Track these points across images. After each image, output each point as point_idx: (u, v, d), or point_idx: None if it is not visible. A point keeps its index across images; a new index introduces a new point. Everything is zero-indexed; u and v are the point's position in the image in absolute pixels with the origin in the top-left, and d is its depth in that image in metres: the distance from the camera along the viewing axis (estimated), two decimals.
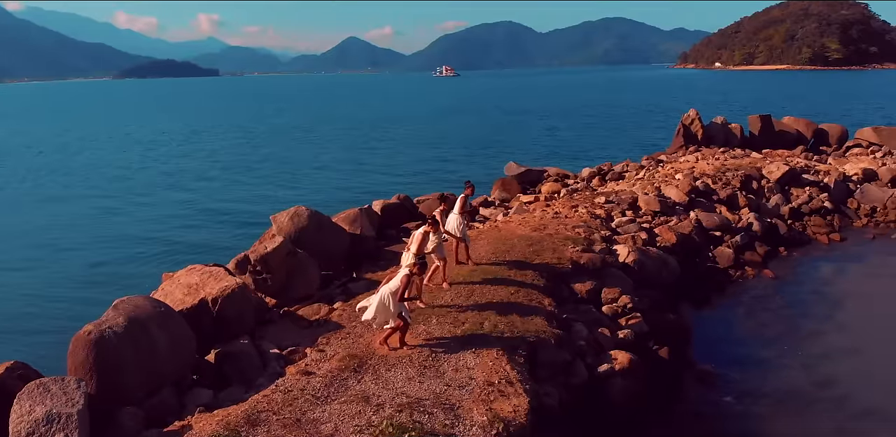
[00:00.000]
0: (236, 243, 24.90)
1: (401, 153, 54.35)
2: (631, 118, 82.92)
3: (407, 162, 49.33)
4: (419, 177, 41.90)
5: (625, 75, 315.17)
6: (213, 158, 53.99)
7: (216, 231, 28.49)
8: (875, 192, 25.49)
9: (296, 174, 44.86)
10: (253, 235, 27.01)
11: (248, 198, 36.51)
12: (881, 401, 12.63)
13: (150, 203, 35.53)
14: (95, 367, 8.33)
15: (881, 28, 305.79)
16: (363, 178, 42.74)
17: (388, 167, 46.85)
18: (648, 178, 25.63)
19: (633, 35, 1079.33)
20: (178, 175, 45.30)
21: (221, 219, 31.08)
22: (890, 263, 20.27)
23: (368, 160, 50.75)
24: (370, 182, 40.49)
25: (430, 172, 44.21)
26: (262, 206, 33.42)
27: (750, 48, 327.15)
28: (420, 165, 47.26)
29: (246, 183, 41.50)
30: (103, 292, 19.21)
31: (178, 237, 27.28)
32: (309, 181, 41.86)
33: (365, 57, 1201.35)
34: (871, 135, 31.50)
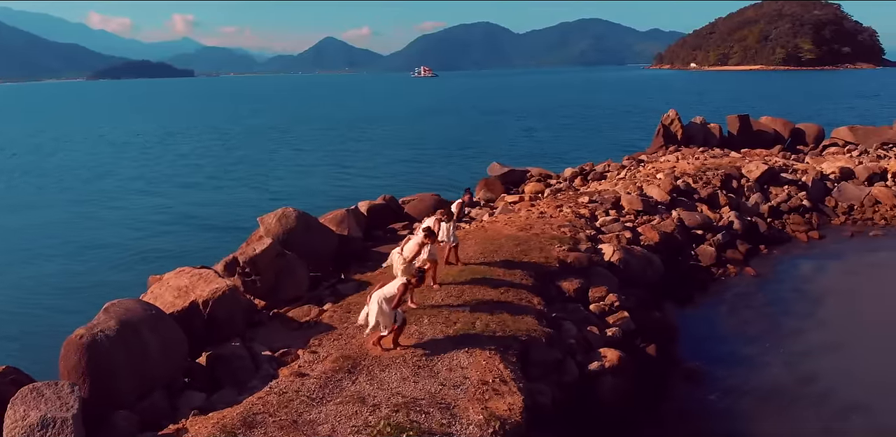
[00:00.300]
0: (218, 245, 24.70)
1: (379, 154, 54.14)
2: (608, 119, 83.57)
3: (385, 163, 49.20)
4: (399, 178, 41.80)
5: (601, 76, 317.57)
6: (188, 160, 53.39)
7: (196, 233, 28.22)
8: (852, 190, 25.98)
9: (274, 176, 44.52)
10: (233, 236, 26.86)
11: (226, 200, 36.18)
12: (863, 397, 12.83)
13: (127, 206, 35.10)
14: (88, 371, 8.24)
15: (853, 28, 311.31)
16: (342, 179, 42.52)
17: (366, 169, 46.69)
18: (630, 177, 25.89)
19: (609, 36, 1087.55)
20: (153, 177, 44.71)
21: (201, 221, 30.80)
22: (868, 260, 20.64)
23: (347, 162, 50.50)
24: (349, 184, 40.31)
25: (410, 173, 44.15)
26: (241, 208, 33.19)
27: (724, 49, 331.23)
28: (399, 166, 47.18)
29: (223, 185, 41.08)
30: (88, 295, 19.00)
31: (159, 240, 26.99)
32: (287, 183, 41.57)
33: (342, 57, 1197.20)
34: (847, 134, 32.11)
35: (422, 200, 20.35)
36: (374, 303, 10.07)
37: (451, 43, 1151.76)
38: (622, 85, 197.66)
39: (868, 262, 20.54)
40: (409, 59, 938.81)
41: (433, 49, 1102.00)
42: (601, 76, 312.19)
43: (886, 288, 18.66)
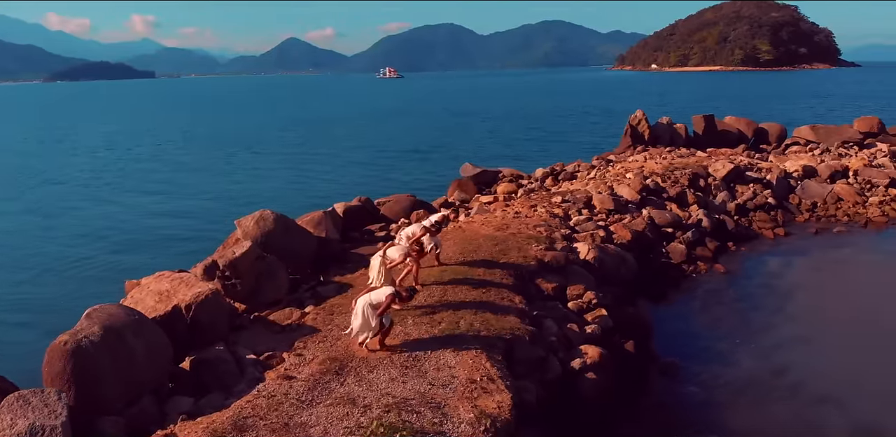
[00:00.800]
0: (190, 250, 24.37)
1: (346, 156, 53.66)
2: (572, 120, 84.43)
3: (354, 165, 48.87)
4: (369, 180, 41.59)
5: (565, 77, 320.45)
6: (151, 165, 52.02)
7: (166, 238, 27.74)
8: (815, 187, 26.73)
9: (239, 179, 43.79)
10: (204, 240, 26.54)
11: (192, 204, 35.52)
12: (833, 389, 13.24)
13: (89, 213, 34.14)
14: (73, 378, 8.10)
15: (810, 29, 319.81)
16: (310, 182, 42.12)
17: (334, 171, 46.28)
18: (600, 177, 26.27)
19: (572, 37, 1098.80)
20: (116, 183, 43.53)
21: (169, 226, 30.27)
22: (833, 256, 21.26)
23: (314, 164, 50.02)
24: (318, 186, 40.01)
25: (379, 174, 43.98)
26: (209, 212, 32.75)
27: (684, 50, 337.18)
28: (369, 168, 46.98)
29: (188, 190, 40.18)
30: (64, 303, 18.64)
31: (129, 246, 26.45)
32: (254, 186, 40.95)
33: (306, 58, 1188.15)
34: (808, 133, 33.02)
35: (397, 202, 20.35)
36: (359, 309, 10.12)
37: (416, 44, 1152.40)
38: (586, 86, 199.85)
39: (833, 258, 21.16)
40: (374, 60, 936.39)
41: (398, 50, 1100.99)
42: (565, 77, 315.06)
43: (851, 284, 19.27)
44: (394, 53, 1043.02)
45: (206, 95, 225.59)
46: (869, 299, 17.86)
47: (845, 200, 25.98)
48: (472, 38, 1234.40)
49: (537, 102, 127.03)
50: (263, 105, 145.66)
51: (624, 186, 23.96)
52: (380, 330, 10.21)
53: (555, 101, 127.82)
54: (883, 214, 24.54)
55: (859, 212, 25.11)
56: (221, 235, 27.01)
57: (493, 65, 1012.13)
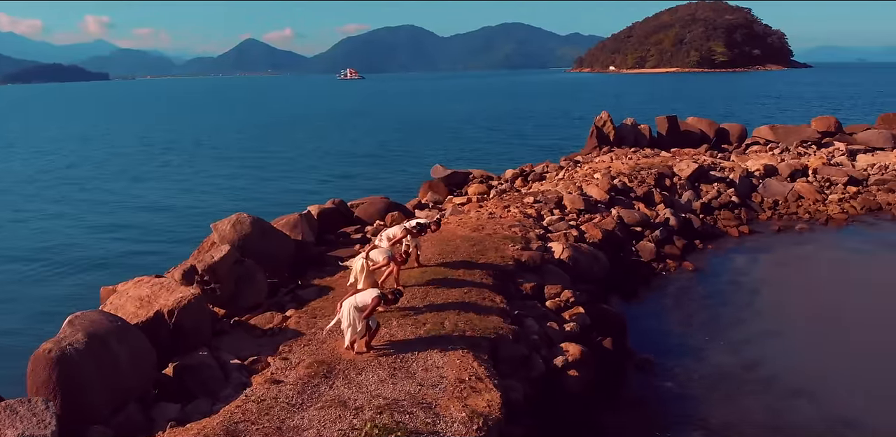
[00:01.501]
0: (160, 254, 23.97)
1: (306, 159, 53.01)
2: (534, 121, 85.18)
3: (315, 168, 48.34)
4: (337, 182, 41.49)
5: (525, 79, 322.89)
6: (103, 169, 50.35)
7: (134, 243, 27.15)
8: (776, 186, 27.50)
9: (203, 183, 43.03)
10: (173, 244, 26.15)
11: (157, 208, 34.72)
12: (803, 381, 13.68)
13: (50, 220, 33.16)
14: (59, 386, 7.92)
15: (763, 31, 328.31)
16: (275, 185, 41.51)
17: (295, 174, 45.69)
18: (569, 178, 26.61)
19: (531, 40, 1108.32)
20: (69, 189, 42.05)
21: (134, 231, 29.55)
22: (796, 253, 21.93)
23: (279, 167, 49.40)
24: (285, 189, 39.55)
25: (347, 176, 43.81)
26: (176, 216, 32.19)
27: (642, 52, 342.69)
28: (331, 171, 46.64)
29: (150, 193, 39.31)
30: (38, 311, 18.15)
31: (98, 252, 25.74)
32: (218, 190, 40.30)
33: (265, 59, 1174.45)
34: (767, 133, 33.96)
35: (372, 203, 20.32)
36: (345, 312, 10.13)
37: (376, 45, 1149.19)
38: (546, 88, 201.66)
39: (796, 255, 21.82)
40: (334, 62, 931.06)
41: (358, 51, 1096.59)
42: (525, 79, 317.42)
43: (815, 280, 19.92)
44: (354, 55, 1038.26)
45: (162, 97, 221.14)
46: (833, 295, 18.47)
47: (806, 198, 26.79)
48: (432, 39, 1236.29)
49: (499, 104, 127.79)
50: (221, 107, 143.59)
51: (593, 186, 24.32)
52: (366, 333, 10.22)
53: (516, 103, 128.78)
54: (843, 212, 25.39)
55: (819, 209, 25.93)
56: (187, 239, 26.77)
57: (454, 67, 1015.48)
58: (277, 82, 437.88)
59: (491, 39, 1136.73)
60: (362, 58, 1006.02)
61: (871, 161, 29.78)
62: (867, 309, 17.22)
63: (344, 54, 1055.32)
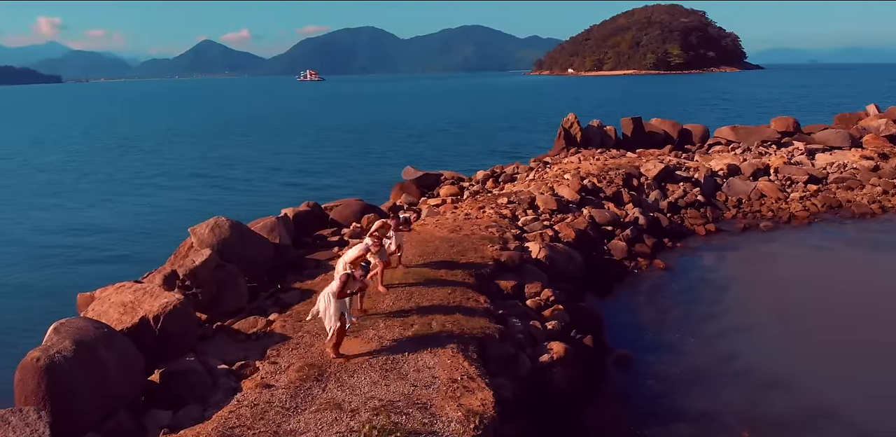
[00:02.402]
0: (126, 259, 23.46)
1: (266, 162, 52.13)
2: (497, 123, 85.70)
3: (278, 171, 47.70)
4: (300, 185, 41.06)
5: (485, 82, 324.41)
6: (60, 174, 48.80)
7: (101, 250, 26.47)
8: (739, 185, 28.21)
9: (164, 187, 42.10)
10: (140, 249, 25.60)
11: (116, 215, 33.84)
12: (776, 373, 14.09)
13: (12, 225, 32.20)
14: (48, 395, 7.73)
15: (717, 34, 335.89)
16: (236, 189, 40.89)
17: (258, 178, 45.00)
18: (540, 178, 26.88)
19: (491, 42, 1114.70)
20: (25, 194, 40.71)
21: (97, 237, 28.82)
22: (762, 250, 22.54)
23: (236, 171, 48.51)
24: (247, 193, 38.95)
25: (309, 180, 43.34)
26: (135, 222, 31.45)
27: (599, 54, 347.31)
28: (296, 174, 46.15)
29: (108, 199, 38.30)
30: (14, 319, 17.54)
31: (64, 259, 25.02)
32: (181, 194, 39.44)
33: (221, 60, 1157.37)
34: (729, 133, 34.83)
35: (347, 206, 20.22)
36: (321, 298, 10.16)
37: (336, 47, 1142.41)
38: (506, 90, 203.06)
39: (762, 252, 22.43)
40: (293, 63, 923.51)
41: (318, 53, 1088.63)
42: (486, 82, 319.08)
43: (781, 276, 20.50)
44: (313, 56, 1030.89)
45: (117, 99, 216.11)
46: (799, 291, 19.06)
47: (768, 197, 27.54)
48: (393, 41, 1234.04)
49: (461, 106, 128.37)
50: (179, 109, 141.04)
51: (564, 186, 24.62)
52: (338, 318, 10.07)
53: (477, 105, 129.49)
54: (804, 209, 26.16)
55: (782, 207, 26.67)
56: (153, 243, 26.28)
57: (414, 68, 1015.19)
58: (235, 84, 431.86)
59: (451, 41, 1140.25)
60: (322, 59, 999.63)
61: (829, 160, 30.78)
62: (832, 304, 17.79)
63: (303, 56, 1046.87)
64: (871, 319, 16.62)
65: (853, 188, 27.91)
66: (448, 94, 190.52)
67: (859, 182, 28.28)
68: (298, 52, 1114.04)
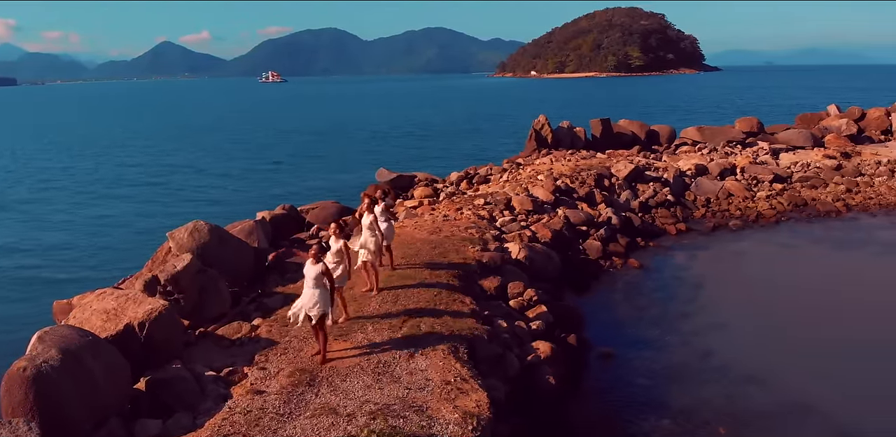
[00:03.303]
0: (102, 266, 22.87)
1: (228, 168, 51.23)
2: (462, 125, 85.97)
3: (245, 174, 47.16)
4: (268, 189, 40.61)
5: (450, 83, 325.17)
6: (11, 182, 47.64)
7: (70, 257, 25.78)
8: (707, 184, 28.75)
9: (122, 192, 41.24)
10: (111, 256, 25.00)
11: (75, 220, 33.05)
12: (752, 369, 14.37)
13: None
14: (37, 405, 7.47)
15: (676, 36, 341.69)
16: (200, 193, 40.25)
17: (226, 182, 44.50)
18: (514, 180, 27.03)
19: (454, 45, 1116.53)
20: None
21: (62, 245, 28.11)
22: (731, 249, 23.02)
23: (196, 175, 47.78)
24: (211, 198, 38.38)
25: (275, 184, 42.89)
26: (102, 226, 30.79)
27: (561, 57, 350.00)
28: (262, 178, 45.66)
29: (72, 205, 37.32)
30: None
31: (30, 267, 24.31)
32: (141, 199, 38.72)
33: (181, 62, 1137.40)
34: (695, 134, 35.48)
35: (324, 208, 20.05)
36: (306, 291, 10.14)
37: (299, 48, 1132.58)
38: (471, 92, 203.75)
39: (733, 251, 22.89)
40: (255, 65, 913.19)
41: (280, 54, 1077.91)
42: (450, 84, 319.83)
43: (752, 273, 20.95)
44: (275, 57, 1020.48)
45: (73, 102, 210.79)
46: (770, 288, 19.49)
47: (735, 196, 28.11)
48: (356, 43, 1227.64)
49: (425, 108, 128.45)
50: (137, 112, 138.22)
51: (538, 187, 24.79)
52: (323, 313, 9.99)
53: (442, 107, 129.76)
54: (771, 208, 26.76)
55: (749, 206, 27.25)
56: (122, 248, 25.72)
57: (377, 70, 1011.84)
58: (195, 86, 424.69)
59: (414, 43, 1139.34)
60: (284, 61, 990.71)
61: (793, 159, 31.56)
62: (802, 301, 18.23)
63: (264, 57, 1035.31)
64: (839, 315, 17.06)
65: (817, 187, 28.66)
66: (412, 96, 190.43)
67: (823, 181, 29.07)
68: (260, 54, 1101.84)
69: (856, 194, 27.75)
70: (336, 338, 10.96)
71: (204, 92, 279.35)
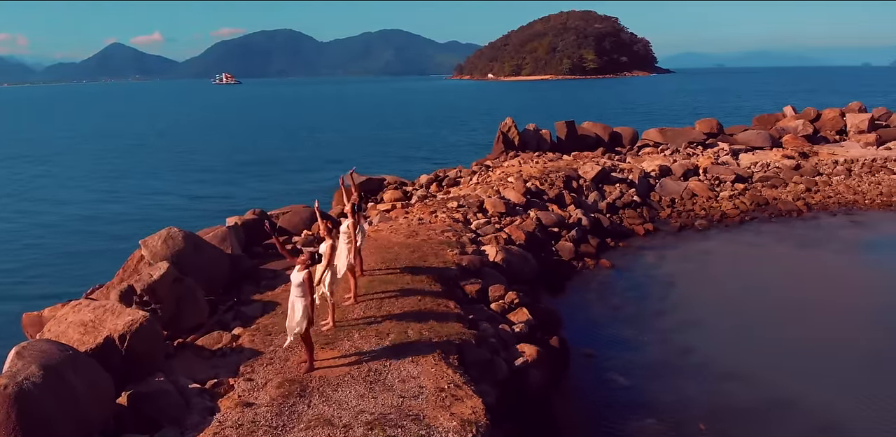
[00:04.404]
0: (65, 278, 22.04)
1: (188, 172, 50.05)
2: (422, 127, 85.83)
3: (204, 179, 46.06)
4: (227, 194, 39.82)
5: (408, 85, 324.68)
6: None
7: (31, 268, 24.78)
8: (672, 185, 29.23)
9: (83, 198, 39.93)
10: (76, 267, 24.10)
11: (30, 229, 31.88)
12: (729, 365, 14.69)
13: None
14: (20, 424, 7.06)
15: (629, 39, 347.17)
16: (158, 200, 39.08)
17: (184, 186, 43.39)
18: (484, 182, 27.03)
19: (411, 47, 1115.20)
20: None
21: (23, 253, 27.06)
22: (699, 248, 23.49)
23: (163, 179, 46.65)
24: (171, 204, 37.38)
25: (236, 188, 42.06)
26: (59, 235, 29.73)
27: (518, 60, 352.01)
28: (223, 181, 44.74)
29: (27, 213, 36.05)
30: None
31: None
32: (99, 206, 37.46)
33: (132, 64, 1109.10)
34: (656, 135, 36.06)
35: (296, 213, 19.66)
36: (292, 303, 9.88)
37: (253, 50, 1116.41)
38: (430, 94, 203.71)
39: (700, 249, 23.34)
40: (208, 66, 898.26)
41: (233, 56, 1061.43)
42: (408, 86, 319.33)
43: (721, 272, 21.44)
44: (229, 59, 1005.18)
45: (21, 105, 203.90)
46: (738, 286, 19.99)
47: (699, 196, 28.65)
48: (312, 44, 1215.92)
49: (385, 109, 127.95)
50: (88, 115, 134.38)
51: (509, 189, 24.84)
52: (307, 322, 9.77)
53: (402, 109, 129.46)
54: (735, 208, 27.34)
55: (713, 206, 27.80)
56: (85, 258, 24.86)
57: (334, 72, 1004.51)
58: (146, 88, 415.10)
59: (371, 45, 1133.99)
60: (238, 62, 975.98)
61: (753, 160, 32.32)
62: (770, 298, 18.71)
63: (218, 59, 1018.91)
64: (808, 312, 17.54)
65: (777, 187, 29.40)
66: (371, 98, 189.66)
67: (783, 181, 29.83)
68: (213, 55, 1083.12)
69: (815, 193, 28.55)
70: (322, 346, 10.73)
71: (155, 94, 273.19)
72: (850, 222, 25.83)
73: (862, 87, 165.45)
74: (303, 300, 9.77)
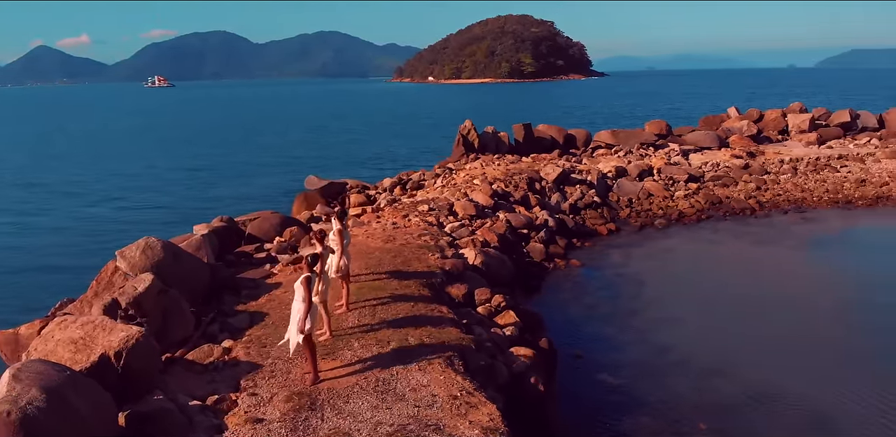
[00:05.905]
0: None
1: (132, 180, 48.14)
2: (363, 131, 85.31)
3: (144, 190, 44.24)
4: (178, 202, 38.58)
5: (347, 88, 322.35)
6: None
7: None
8: (628, 185, 29.81)
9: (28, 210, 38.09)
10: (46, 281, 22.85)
11: None
12: (711, 360, 15.04)
13: None
14: None
15: (565, 43, 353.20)
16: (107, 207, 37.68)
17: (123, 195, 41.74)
18: (450, 184, 26.94)
19: (349, 49, 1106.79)
20: None
21: None
22: (662, 246, 24.08)
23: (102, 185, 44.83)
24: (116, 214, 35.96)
25: (190, 195, 40.83)
26: None
27: (457, 63, 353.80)
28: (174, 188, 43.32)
29: None
30: None
31: None
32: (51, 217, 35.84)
33: (59, 67, 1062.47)
34: (608, 137, 36.74)
35: (265, 219, 19.10)
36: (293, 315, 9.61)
37: (185, 52, 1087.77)
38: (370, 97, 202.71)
39: (663, 248, 23.89)
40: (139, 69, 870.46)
41: (165, 58, 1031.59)
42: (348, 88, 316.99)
43: (686, 269, 22.07)
44: (161, 62, 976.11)
45: None
46: (704, 282, 20.62)
47: (656, 196, 29.31)
48: (247, 46, 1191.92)
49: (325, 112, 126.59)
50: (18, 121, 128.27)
51: (477, 192, 24.85)
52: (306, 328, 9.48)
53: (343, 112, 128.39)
54: (691, 206, 28.08)
55: (670, 205, 28.50)
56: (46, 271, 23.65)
57: (269, 74, 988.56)
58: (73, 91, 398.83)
59: (308, 47, 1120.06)
60: (170, 65, 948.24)
61: (703, 160, 33.27)
62: (734, 293, 19.33)
63: (149, 61, 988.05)
64: (770, 307, 18.10)
65: (728, 185, 30.35)
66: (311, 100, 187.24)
67: (733, 179, 30.82)
68: (144, 58, 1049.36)
69: (765, 192, 29.59)
70: (323, 357, 10.42)
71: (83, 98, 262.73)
72: (802, 219, 26.89)
73: (788, 88, 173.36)
74: (298, 306, 9.52)
